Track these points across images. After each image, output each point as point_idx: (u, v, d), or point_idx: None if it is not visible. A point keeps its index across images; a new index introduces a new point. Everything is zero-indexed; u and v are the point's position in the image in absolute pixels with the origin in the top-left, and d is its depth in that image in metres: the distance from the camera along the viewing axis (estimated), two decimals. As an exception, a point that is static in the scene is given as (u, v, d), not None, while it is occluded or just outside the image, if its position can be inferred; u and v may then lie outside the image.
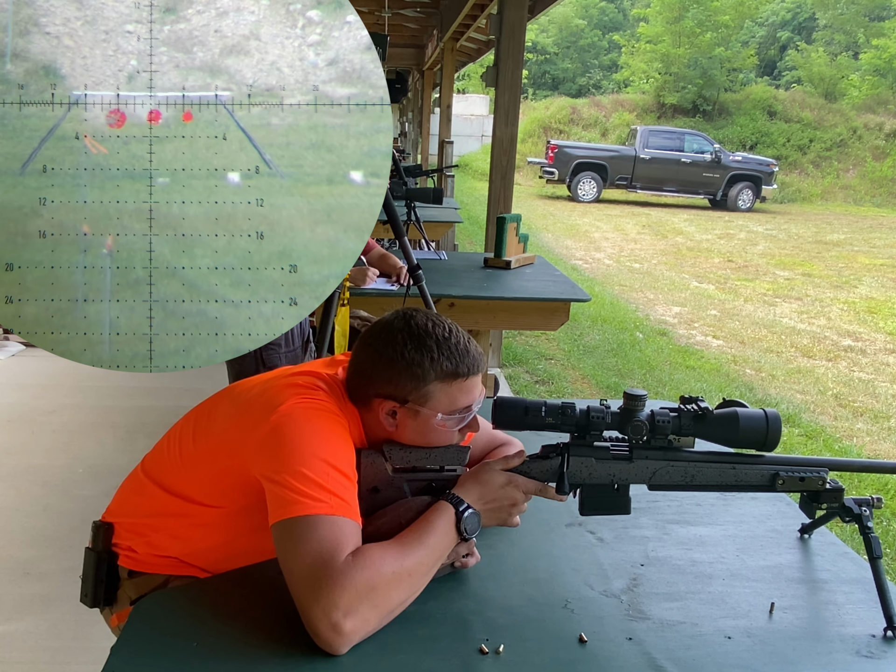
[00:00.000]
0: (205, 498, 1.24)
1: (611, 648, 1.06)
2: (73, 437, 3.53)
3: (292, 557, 1.03)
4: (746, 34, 28.03)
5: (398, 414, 1.20)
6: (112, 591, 1.32)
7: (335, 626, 0.97)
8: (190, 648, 1.01)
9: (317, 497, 1.04)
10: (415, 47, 12.83)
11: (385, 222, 2.86)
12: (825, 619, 1.16)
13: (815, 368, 5.82)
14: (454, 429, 1.22)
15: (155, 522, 1.29)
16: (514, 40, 4.37)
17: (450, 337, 1.19)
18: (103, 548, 1.32)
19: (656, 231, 13.19)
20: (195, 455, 1.25)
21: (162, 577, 1.29)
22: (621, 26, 34.55)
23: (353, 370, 1.24)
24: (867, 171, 20.89)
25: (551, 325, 3.25)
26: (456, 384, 1.19)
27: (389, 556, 1.05)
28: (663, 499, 1.51)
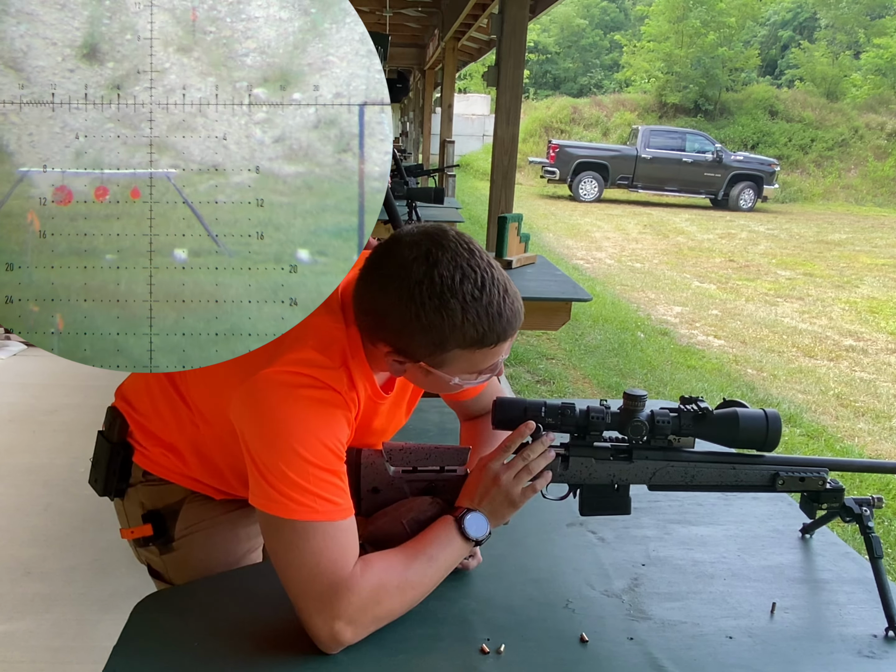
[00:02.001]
0: (206, 411, 1.20)
1: (612, 648, 1.06)
2: (74, 437, 3.54)
3: (286, 563, 1.00)
4: (748, 34, 28.01)
5: (407, 366, 1.07)
6: (124, 482, 1.29)
7: (335, 635, 0.98)
8: (191, 648, 1.01)
9: (302, 502, 0.98)
10: (416, 47, 12.83)
11: (386, 222, 2.86)
12: (826, 619, 1.16)
13: (816, 368, 5.81)
14: (472, 384, 1.10)
15: (164, 422, 1.25)
16: (516, 40, 4.36)
17: (481, 296, 0.98)
18: (119, 439, 1.28)
19: (658, 231, 13.18)
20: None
21: (179, 494, 1.27)
22: (623, 26, 34.55)
23: (358, 304, 1.06)
24: (869, 170, 20.87)
25: (552, 325, 3.25)
26: (480, 352, 1.02)
27: (393, 580, 1.03)
28: (664, 499, 1.51)
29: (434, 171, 6.17)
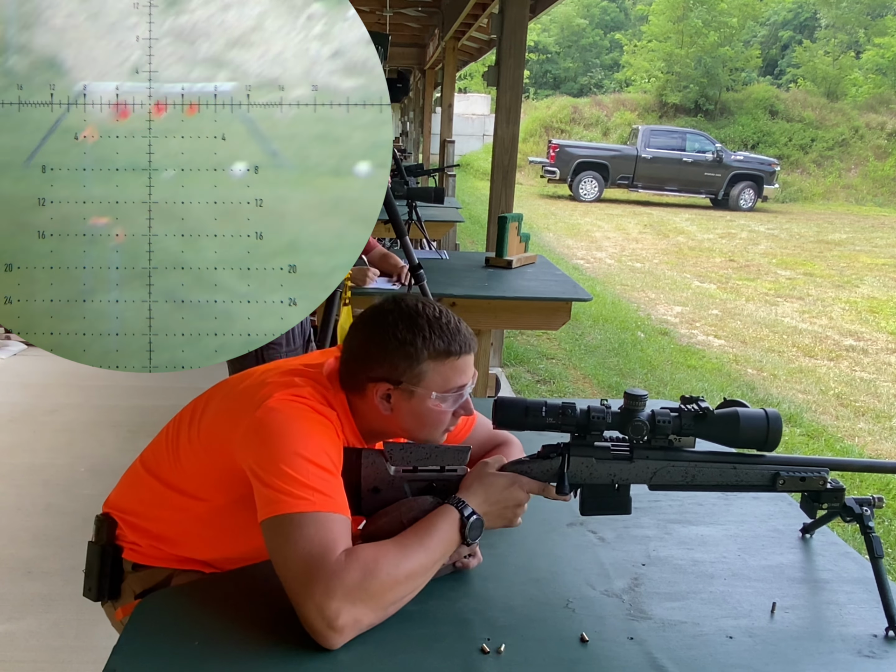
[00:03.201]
0: (199, 491, 1.24)
1: (612, 648, 1.06)
2: (75, 437, 3.54)
3: (282, 557, 1.03)
4: (748, 34, 28.01)
5: (392, 397, 1.20)
6: (116, 584, 1.32)
7: (329, 622, 0.99)
8: (191, 647, 1.01)
9: (299, 494, 1.05)
10: (416, 47, 12.82)
11: (386, 222, 2.86)
12: (827, 619, 1.16)
13: (816, 368, 5.81)
14: (449, 409, 1.22)
15: (154, 514, 1.30)
16: (516, 39, 4.36)
17: (440, 317, 1.21)
18: (107, 541, 1.32)
19: (658, 230, 13.18)
20: (189, 448, 1.26)
21: (166, 572, 1.29)
22: (623, 25, 34.53)
23: (347, 356, 1.24)
24: (869, 170, 20.86)
25: (553, 325, 3.25)
26: (449, 362, 1.20)
27: (385, 556, 1.05)
28: (665, 498, 1.51)
29: (434, 170, 6.18)
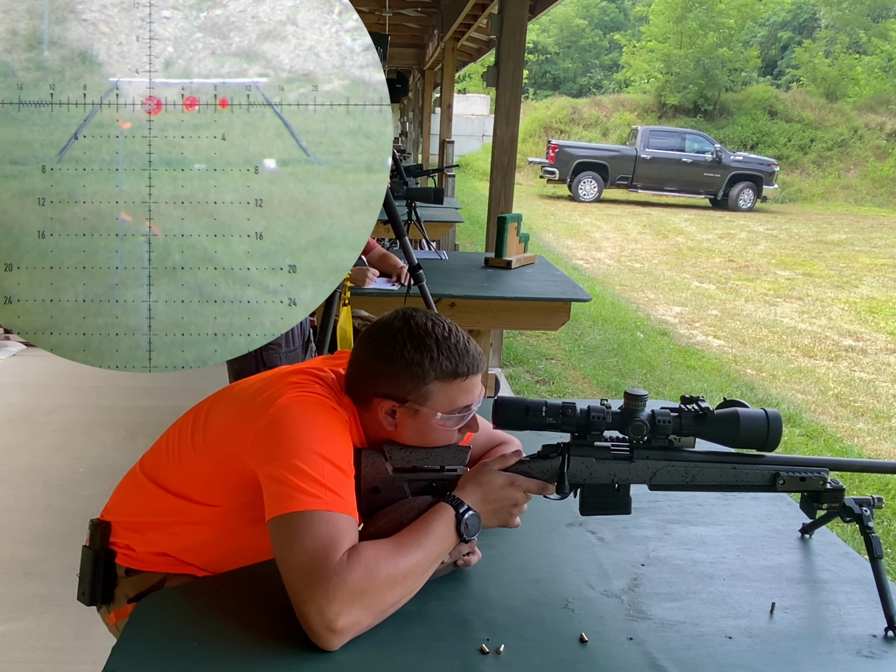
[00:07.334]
0: (202, 496, 1.24)
1: (611, 648, 1.06)
2: (74, 437, 3.53)
3: (288, 553, 1.03)
4: (747, 34, 28.01)
5: (397, 413, 1.20)
6: (109, 589, 1.32)
7: (328, 624, 0.98)
8: (190, 648, 1.01)
9: (311, 492, 1.04)
10: (415, 47, 12.82)
11: (386, 222, 2.86)
12: (826, 619, 1.16)
13: (815, 368, 5.81)
14: (453, 428, 1.22)
15: (152, 520, 1.29)
16: (515, 40, 4.36)
17: (449, 336, 1.19)
18: (101, 546, 1.32)
19: (657, 231, 13.18)
20: (193, 454, 1.25)
21: (159, 576, 1.29)
22: (622, 26, 34.52)
23: (353, 369, 1.24)
24: (868, 170, 20.87)
25: (552, 325, 3.25)
26: (456, 384, 1.19)
27: (385, 556, 1.05)
28: (664, 499, 1.51)
29: (433, 171, 6.18)
